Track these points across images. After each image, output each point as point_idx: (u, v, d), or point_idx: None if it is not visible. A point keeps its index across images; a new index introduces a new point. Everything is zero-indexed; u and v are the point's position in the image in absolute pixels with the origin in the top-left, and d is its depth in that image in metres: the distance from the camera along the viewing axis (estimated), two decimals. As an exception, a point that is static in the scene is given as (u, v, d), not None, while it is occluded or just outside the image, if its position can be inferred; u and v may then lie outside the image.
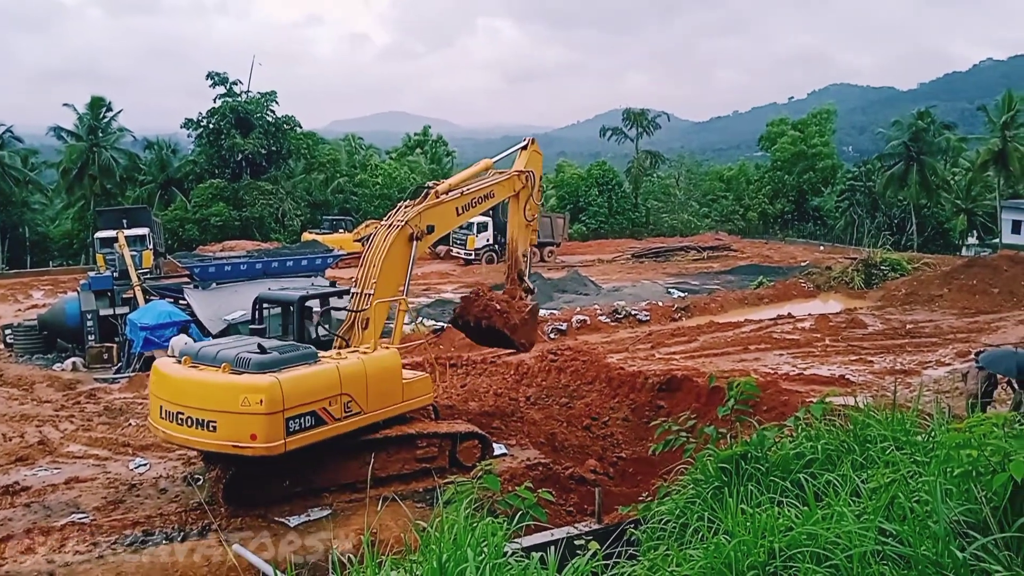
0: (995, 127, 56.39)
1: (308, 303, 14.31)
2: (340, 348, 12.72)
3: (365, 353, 12.32)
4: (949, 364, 20.51)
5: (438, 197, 14.15)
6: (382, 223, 14.00)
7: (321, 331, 14.30)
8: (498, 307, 15.62)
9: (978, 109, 65.51)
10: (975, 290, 30.45)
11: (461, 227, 37.48)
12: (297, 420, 10.97)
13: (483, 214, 29.43)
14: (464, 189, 14.86)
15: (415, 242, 13.45)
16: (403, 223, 13.38)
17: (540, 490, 6.45)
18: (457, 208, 14.58)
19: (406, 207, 13.84)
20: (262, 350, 11.33)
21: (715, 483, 5.95)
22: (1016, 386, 14.01)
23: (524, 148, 16.39)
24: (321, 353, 12.06)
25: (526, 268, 16.48)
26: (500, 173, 15.90)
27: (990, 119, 58.11)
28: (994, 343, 21.78)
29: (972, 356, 16.18)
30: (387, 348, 12.75)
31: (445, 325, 27.24)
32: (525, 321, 15.82)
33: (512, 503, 5.95)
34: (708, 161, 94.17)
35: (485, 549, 4.72)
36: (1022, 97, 57.85)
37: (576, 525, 8.38)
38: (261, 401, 10.60)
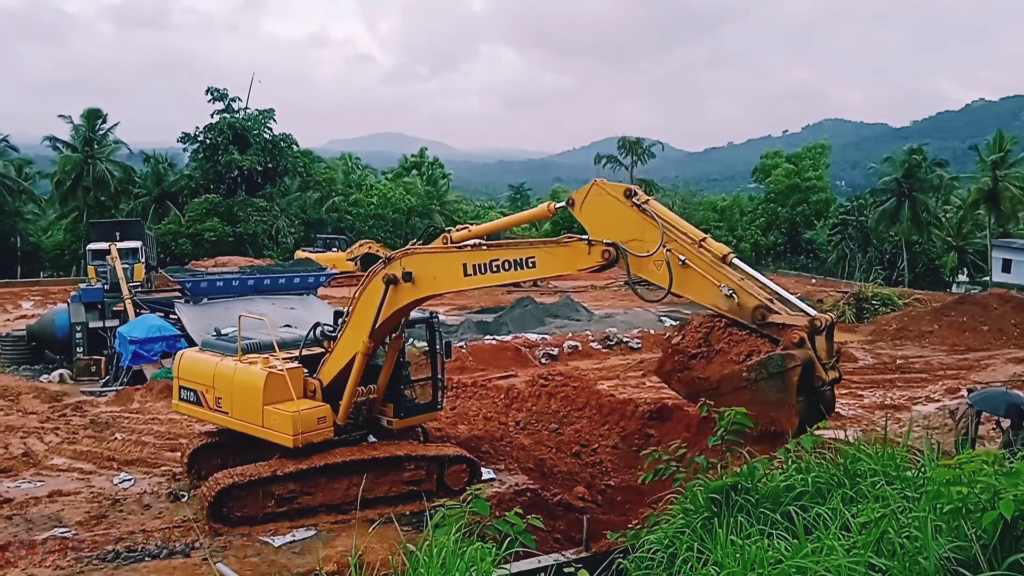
0: (986, 166, 56.95)
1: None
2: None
3: (251, 363, 12.70)
4: (939, 400, 20.54)
5: (446, 244, 11.82)
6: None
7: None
8: (689, 350, 9.55)
9: (970, 148, 66.33)
10: (965, 327, 30.56)
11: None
12: (185, 391, 13.41)
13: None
14: (485, 243, 11.30)
15: (389, 286, 11.63)
16: (386, 263, 11.96)
17: (529, 516, 6.42)
18: (465, 266, 10.98)
19: (410, 246, 12.29)
20: (217, 334, 14.13)
21: (705, 513, 5.94)
22: (1004, 425, 14.04)
23: (568, 206, 10.53)
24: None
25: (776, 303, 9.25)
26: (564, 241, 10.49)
27: (981, 158, 58.71)
28: (983, 381, 21.84)
29: (963, 394, 16.24)
30: (267, 369, 12.43)
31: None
32: (734, 381, 8.92)
33: (501, 528, 5.92)
34: (702, 191, 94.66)
35: (474, 574, 4.70)
36: (1013, 137, 58.60)
37: (564, 553, 8.32)
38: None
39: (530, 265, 10.61)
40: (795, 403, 8.59)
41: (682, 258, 9.47)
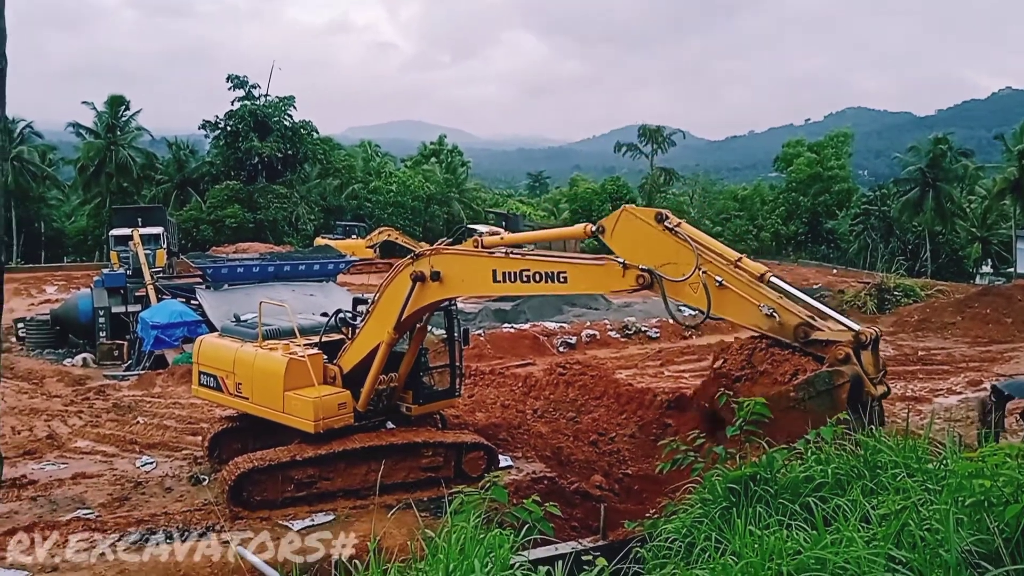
0: (1012, 156, 56.15)
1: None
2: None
3: (271, 349, 12.75)
4: (961, 393, 20.35)
5: (476, 247, 11.87)
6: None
7: None
8: (732, 373, 9.63)
9: (995, 137, 65.37)
10: (988, 319, 30.25)
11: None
12: (205, 376, 13.56)
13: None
14: (514, 251, 11.31)
15: (416, 283, 11.64)
16: (414, 259, 11.96)
17: (547, 504, 6.43)
18: (495, 272, 11.10)
19: (438, 244, 12.36)
20: (236, 320, 14.29)
21: (723, 503, 5.92)
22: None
23: (594, 234, 10.88)
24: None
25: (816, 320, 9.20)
26: (599, 260, 10.80)
27: (1007, 148, 57.88)
28: (1006, 373, 21.61)
29: (985, 387, 16.07)
30: (288, 355, 12.46)
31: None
32: (781, 402, 8.38)
33: (519, 516, 5.93)
34: (723, 180, 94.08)
35: (492, 560, 4.72)
36: (1040, 126, 57.66)
37: (582, 541, 8.34)
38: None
39: (561, 280, 10.66)
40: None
41: (719, 279, 9.33)
